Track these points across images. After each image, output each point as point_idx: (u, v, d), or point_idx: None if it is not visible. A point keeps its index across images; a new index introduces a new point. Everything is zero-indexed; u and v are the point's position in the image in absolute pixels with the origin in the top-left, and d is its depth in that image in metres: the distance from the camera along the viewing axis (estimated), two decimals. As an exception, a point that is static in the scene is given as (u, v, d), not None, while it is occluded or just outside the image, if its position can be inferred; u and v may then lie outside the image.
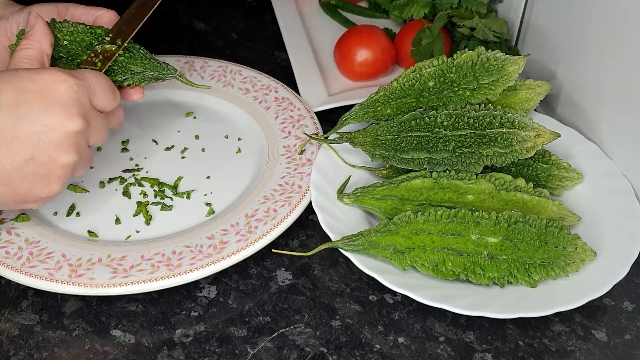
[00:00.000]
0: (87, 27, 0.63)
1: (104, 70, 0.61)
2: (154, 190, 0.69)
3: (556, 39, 0.74)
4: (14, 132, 0.52)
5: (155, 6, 0.65)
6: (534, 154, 0.63)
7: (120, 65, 0.63)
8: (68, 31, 0.63)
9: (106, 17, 0.65)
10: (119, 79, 0.64)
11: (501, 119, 0.61)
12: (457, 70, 0.64)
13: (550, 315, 0.59)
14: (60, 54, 0.63)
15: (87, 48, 0.63)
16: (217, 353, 0.57)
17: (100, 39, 0.63)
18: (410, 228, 0.58)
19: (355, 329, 0.59)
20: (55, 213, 0.66)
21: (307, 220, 0.68)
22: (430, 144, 0.62)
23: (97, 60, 0.61)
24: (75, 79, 0.55)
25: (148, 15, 0.65)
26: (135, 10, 0.65)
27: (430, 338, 0.58)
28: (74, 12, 0.65)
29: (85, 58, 0.62)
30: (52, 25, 0.62)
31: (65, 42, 0.62)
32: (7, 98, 0.52)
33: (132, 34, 0.63)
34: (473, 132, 0.61)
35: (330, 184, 0.66)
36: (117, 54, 0.62)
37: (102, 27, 0.64)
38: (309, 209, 0.65)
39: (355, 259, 0.59)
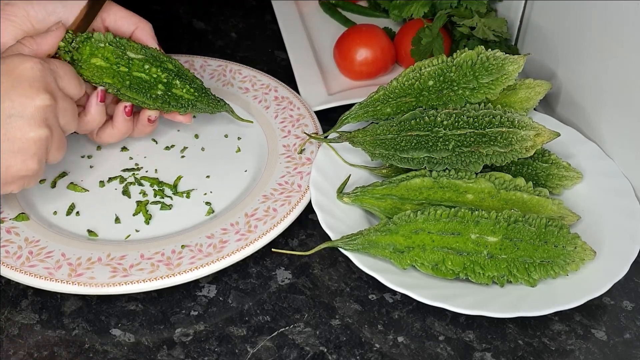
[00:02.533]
0: (122, 51, 0.65)
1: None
2: (154, 189, 0.69)
3: (556, 38, 0.74)
4: None
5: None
6: (534, 153, 0.63)
7: (189, 102, 0.68)
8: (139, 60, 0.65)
9: (141, 30, 0.67)
10: (182, 110, 0.68)
11: (501, 118, 0.61)
12: (456, 69, 0.64)
13: (550, 314, 0.59)
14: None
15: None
16: (216, 352, 0.57)
17: (142, 68, 0.65)
18: (410, 227, 0.58)
19: (355, 328, 0.59)
20: (55, 212, 0.66)
21: (307, 220, 0.68)
22: (430, 143, 0.62)
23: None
24: (42, 62, 0.57)
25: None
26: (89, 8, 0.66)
27: (430, 337, 0.58)
28: (116, 14, 0.67)
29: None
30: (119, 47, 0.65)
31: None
32: None
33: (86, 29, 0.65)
34: (473, 132, 0.61)
35: (330, 183, 0.66)
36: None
37: (139, 49, 0.66)
38: (309, 208, 0.65)
39: (355, 258, 0.59)
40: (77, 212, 0.66)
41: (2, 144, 0.55)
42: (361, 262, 0.59)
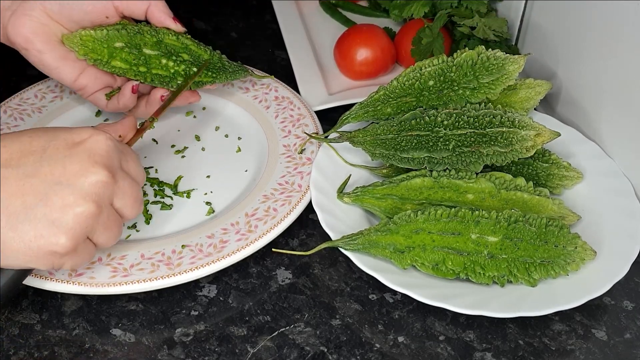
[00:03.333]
0: (139, 51, 0.68)
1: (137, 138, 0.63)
2: (154, 189, 0.69)
3: (556, 38, 0.74)
4: (33, 171, 0.50)
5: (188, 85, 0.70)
6: (534, 153, 0.63)
7: (206, 82, 0.71)
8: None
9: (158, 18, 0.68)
10: (208, 79, 0.71)
11: (501, 118, 0.61)
12: (457, 69, 0.64)
13: (550, 314, 0.59)
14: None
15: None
16: (217, 352, 0.57)
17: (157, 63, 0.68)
18: (410, 227, 0.58)
19: (355, 328, 0.59)
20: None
21: (307, 220, 0.68)
22: (431, 143, 0.62)
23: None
24: (111, 137, 0.53)
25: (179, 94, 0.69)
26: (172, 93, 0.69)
27: (430, 337, 0.58)
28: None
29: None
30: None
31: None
32: (38, 143, 0.51)
33: (164, 111, 0.67)
34: (473, 131, 0.61)
35: (330, 183, 0.66)
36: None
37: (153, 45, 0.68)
38: (309, 208, 0.65)
39: (355, 258, 0.59)
40: (78, 212, 0.66)
41: (39, 210, 0.49)
42: (361, 262, 0.59)
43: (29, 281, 0.58)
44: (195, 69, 0.69)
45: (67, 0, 0.64)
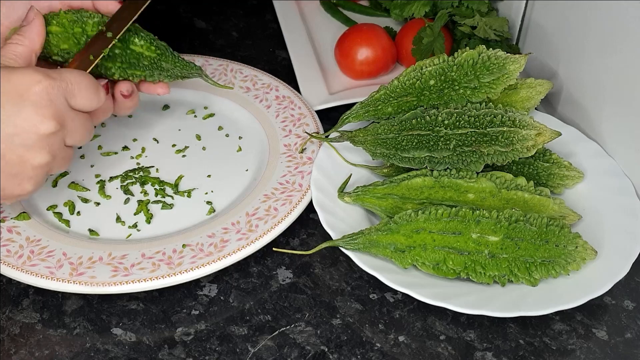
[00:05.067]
0: (79, 16, 0.62)
1: (93, 65, 0.60)
2: (155, 188, 0.69)
3: (557, 37, 0.74)
4: None
5: (146, 5, 0.65)
6: (535, 153, 0.63)
7: (151, 61, 0.64)
8: (60, 22, 0.62)
9: (105, 6, 0.64)
10: (147, 74, 0.65)
11: (502, 117, 0.61)
12: (457, 68, 0.64)
13: (551, 314, 0.59)
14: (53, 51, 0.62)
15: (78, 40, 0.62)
16: (217, 351, 0.57)
17: (97, 28, 0.62)
18: (411, 227, 0.58)
19: (356, 327, 0.59)
20: (56, 212, 0.66)
21: (308, 219, 0.68)
22: (431, 143, 0.62)
23: (90, 55, 0.61)
24: (51, 80, 0.54)
25: (139, 12, 0.64)
26: (126, 8, 0.64)
27: (431, 337, 0.58)
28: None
29: (79, 51, 0.61)
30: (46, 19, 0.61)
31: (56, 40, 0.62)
32: None
33: (123, 30, 0.63)
34: (474, 131, 0.61)
35: (331, 182, 0.66)
36: (109, 47, 0.61)
37: (96, 16, 0.63)
38: (310, 208, 0.65)
39: (356, 258, 0.59)
40: (79, 212, 0.66)
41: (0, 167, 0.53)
42: (362, 261, 0.59)
43: (30, 280, 0.58)
44: (136, 39, 0.63)
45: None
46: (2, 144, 0.53)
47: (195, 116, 0.78)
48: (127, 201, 0.68)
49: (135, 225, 0.65)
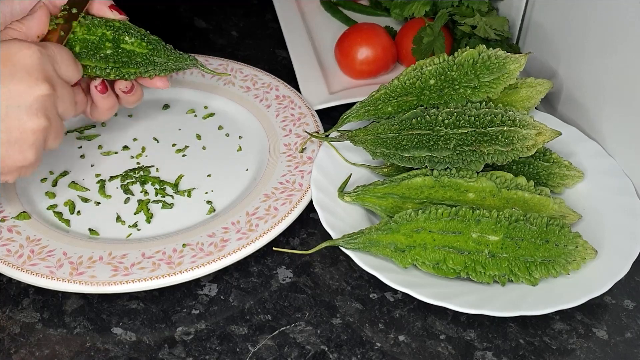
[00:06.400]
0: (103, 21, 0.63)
1: (64, 40, 0.61)
2: (155, 188, 0.69)
3: (557, 37, 0.74)
4: None
5: None
6: (535, 152, 0.63)
7: (143, 57, 0.64)
8: (85, 24, 0.63)
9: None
10: (142, 70, 0.65)
11: (502, 117, 0.61)
12: (458, 68, 0.64)
13: (551, 313, 0.59)
14: (80, 48, 0.63)
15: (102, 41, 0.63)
16: (217, 351, 0.57)
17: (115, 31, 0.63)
18: (411, 226, 0.58)
19: (356, 327, 0.59)
20: (56, 211, 0.66)
21: (308, 218, 0.68)
22: (431, 142, 0.62)
23: (60, 31, 0.61)
24: (38, 47, 0.56)
25: None
26: None
27: (431, 336, 0.58)
28: None
29: (49, 29, 0.61)
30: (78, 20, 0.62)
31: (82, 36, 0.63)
32: None
33: (86, 5, 0.63)
34: (474, 130, 0.61)
35: (331, 182, 0.66)
36: (76, 24, 0.61)
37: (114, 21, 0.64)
38: (310, 207, 0.65)
39: (356, 257, 0.59)
40: (79, 212, 0.66)
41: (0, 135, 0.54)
42: (362, 261, 0.59)
43: (31, 280, 0.58)
44: (127, 37, 0.63)
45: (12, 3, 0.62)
46: (2, 110, 0.53)
47: (195, 116, 0.78)
48: (127, 201, 0.68)
49: (135, 225, 0.65)
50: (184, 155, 0.73)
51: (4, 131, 0.54)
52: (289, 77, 0.82)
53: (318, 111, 0.77)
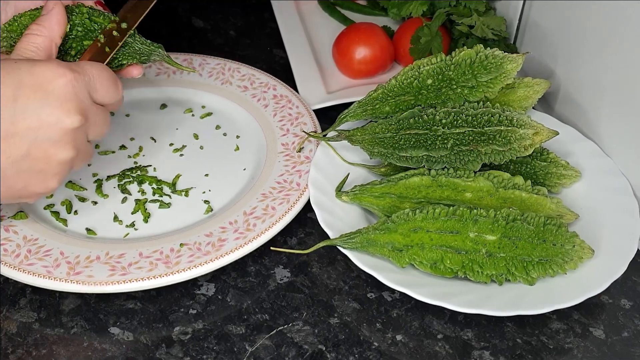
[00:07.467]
0: (99, 12, 0.61)
1: (109, 57, 0.59)
2: (152, 188, 0.69)
3: (555, 36, 0.74)
4: (11, 128, 0.51)
5: None
6: (532, 152, 0.63)
7: (128, 45, 0.62)
8: (80, 14, 0.60)
9: None
10: (124, 61, 0.63)
11: (499, 116, 0.61)
12: (455, 68, 0.64)
13: (548, 312, 0.59)
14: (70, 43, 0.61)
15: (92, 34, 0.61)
16: (215, 350, 0.57)
17: (107, 23, 0.61)
18: (409, 226, 0.58)
19: (354, 326, 0.59)
20: (54, 211, 0.66)
21: (306, 218, 0.68)
22: (429, 142, 0.62)
23: (105, 47, 0.59)
24: (75, 73, 0.53)
25: (152, 4, 0.63)
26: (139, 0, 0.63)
27: (429, 336, 0.58)
28: None
29: (91, 43, 0.60)
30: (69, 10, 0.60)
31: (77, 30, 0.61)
32: (5, 92, 0.51)
33: (139, 21, 0.62)
34: (471, 130, 0.61)
35: (329, 181, 0.66)
36: (124, 40, 0.61)
37: (109, 14, 0.62)
38: (308, 207, 0.65)
39: (354, 257, 0.59)
40: (76, 211, 0.66)
41: (25, 163, 0.52)
42: (360, 260, 0.59)
43: (28, 279, 0.58)
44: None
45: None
46: (27, 140, 0.52)
47: (192, 115, 0.78)
48: (124, 200, 0.68)
49: (132, 225, 0.65)
50: (181, 155, 0.73)
51: (28, 160, 0.52)
52: (286, 76, 0.82)
53: (316, 111, 0.77)
